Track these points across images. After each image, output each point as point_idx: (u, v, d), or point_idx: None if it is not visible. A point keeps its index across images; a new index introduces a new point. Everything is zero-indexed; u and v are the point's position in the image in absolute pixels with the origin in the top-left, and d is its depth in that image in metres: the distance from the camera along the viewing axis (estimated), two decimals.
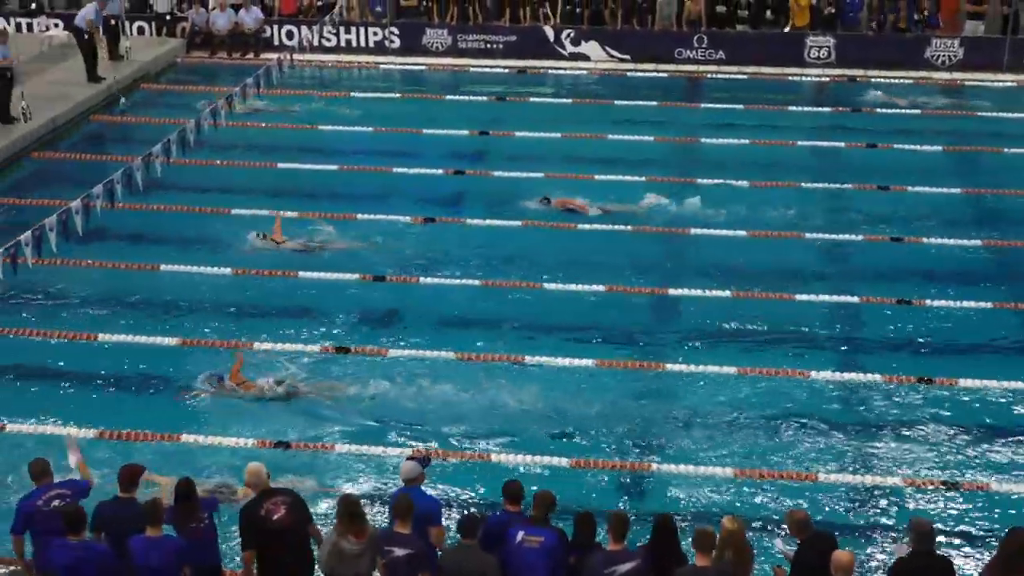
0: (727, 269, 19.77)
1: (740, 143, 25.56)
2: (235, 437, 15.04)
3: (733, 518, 10.71)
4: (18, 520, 11.13)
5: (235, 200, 22.16)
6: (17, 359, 16.93)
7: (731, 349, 17.40)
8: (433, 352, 17.08)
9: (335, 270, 19.48)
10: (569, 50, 31.31)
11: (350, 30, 31.79)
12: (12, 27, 31.17)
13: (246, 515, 10.97)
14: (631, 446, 15.20)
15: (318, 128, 26.29)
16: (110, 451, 14.61)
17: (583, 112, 27.82)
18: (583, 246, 20.57)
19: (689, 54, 31.08)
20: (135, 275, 19.39)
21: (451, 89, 29.68)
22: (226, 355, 16.92)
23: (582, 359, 16.86)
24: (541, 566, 10.47)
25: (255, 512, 10.90)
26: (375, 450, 14.85)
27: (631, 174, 23.61)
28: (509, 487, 11.07)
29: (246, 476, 11.14)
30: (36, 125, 25.10)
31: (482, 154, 25.28)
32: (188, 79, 29.95)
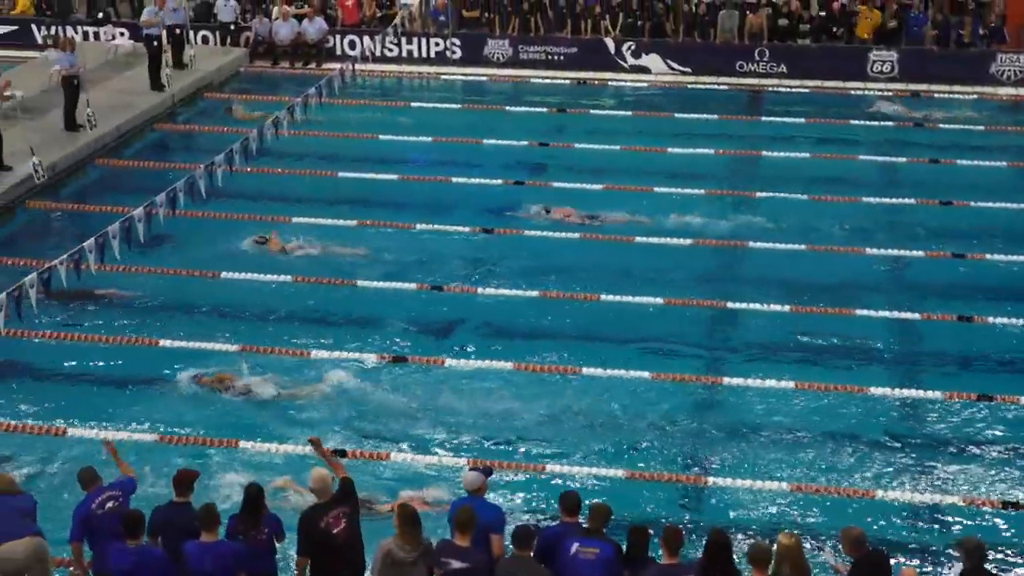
0: (786, 283, 19.67)
1: (801, 157, 25.42)
2: (295, 445, 15.11)
3: (789, 534, 10.62)
4: (76, 527, 11.23)
5: (296, 209, 22.31)
6: (80, 364, 17.11)
7: (789, 363, 17.30)
8: (490, 362, 17.10)
9: (394, 279, 19.55)
10: (630, 62, 31.27)
11: (412, 40, 31.93)
12: (79, 36, 31.62)
13: (306, 522, 11.00)
14: (687, 459, 15.14)
15: (379, 138, 26.41)
16: (170, 455, 14.74)
17: (643, 124, 27.77)
18: (641, 258, 20.51)
19: (751, 67, 30.95)
20: (196, 282, 19.54)
21: (512, 100, 29.73)
22: (287, 362, 17.03)
23: (639, 371, 16.81)
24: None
25: (316, 521, 10.92)
26: (431, 459, 14.88)
27: (691, 187, 23.54)
28: (566, 499, 11.04)
29: (311, 482, 11.16)
30: (101, 132, 25.38)
31: (542, 165, 25.29)
32: (251, 88, 30.20)
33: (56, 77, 26.28)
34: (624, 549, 10.68)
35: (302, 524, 11.05)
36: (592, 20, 31.69)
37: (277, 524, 11.17)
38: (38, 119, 25.72)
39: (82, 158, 24.62)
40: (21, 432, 15.35)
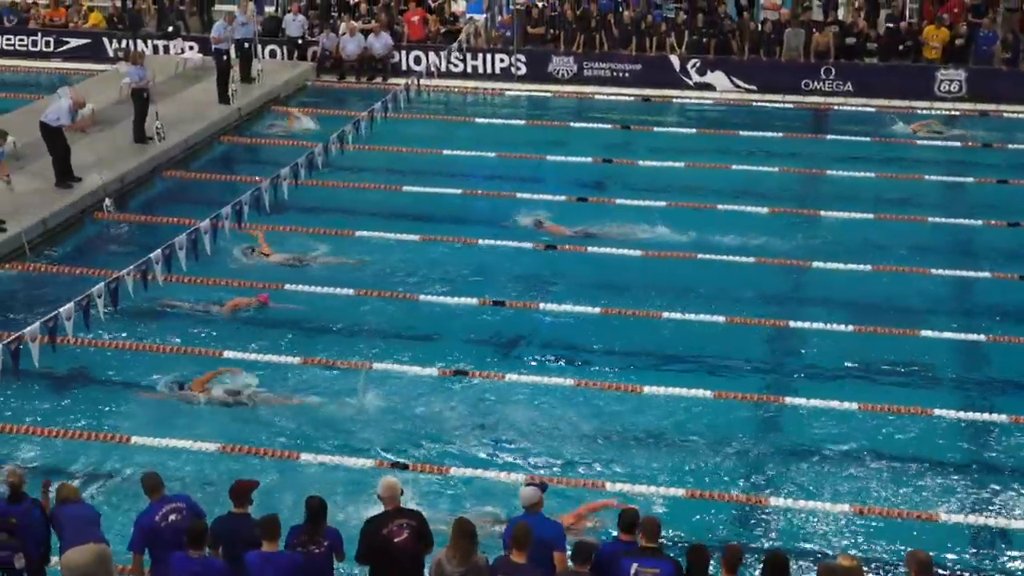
0: (849, 303, 19.54)
1: (866, 176, 25.26)
2: (355, 457, 15.19)
3: (850, 556, 10.55)
4: (137, 537, 11.32)
5: (360, 222, 22.43)
6: (144, 373, 17.27)
7: (852, 384, 17.17)
8: (550, 378, 17.11)
9: (456, 294, 19.61)
10: (695, 79, 31.22)
11: (477, 56, 32.07)
12: (149, 50, 32.03)
13: (369, 530, 11.07)
14: (747, 479, 15.06)
15: (442, 153, 26.52)
16: (230, 464, 14.88)
17: (707, 142, 27.71)
18: (704, 276, 20.44)
19: (816, 85, 30.81)
20: (260, 293, 19.66)
21: (576, 116, 29.75)
22: (349, 374, 17.13)
23: (700, 390, 16.75)
24: None
25: (378, 529, 10.98)
26: (489, 474, 14.90)
27: (754, 205, 23.46)
28: (623, 516, 11.01)
29: (379, 489, 11.22)
30: (169, 145, 25.67)
31: (605, 182, 25.28)
32: (317, 102, 30.43)
33: (126, 90, 26.62)
34: (684, 568, 10.63)
35: (364, 530, 11.12)
36: (657, 37, 31.66)
37: (338, 539, 11.19)
38: (108, 131, 26.06)
39: (150, 170, 24.90)
40: (85, 440, 15.51)
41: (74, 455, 15.21)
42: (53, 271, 20.49)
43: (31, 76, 32.57)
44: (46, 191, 22.70)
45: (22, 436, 15.60)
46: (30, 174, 23.27)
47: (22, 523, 11.42)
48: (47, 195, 22.57)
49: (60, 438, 15.53)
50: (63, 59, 33.24)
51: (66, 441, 15.49)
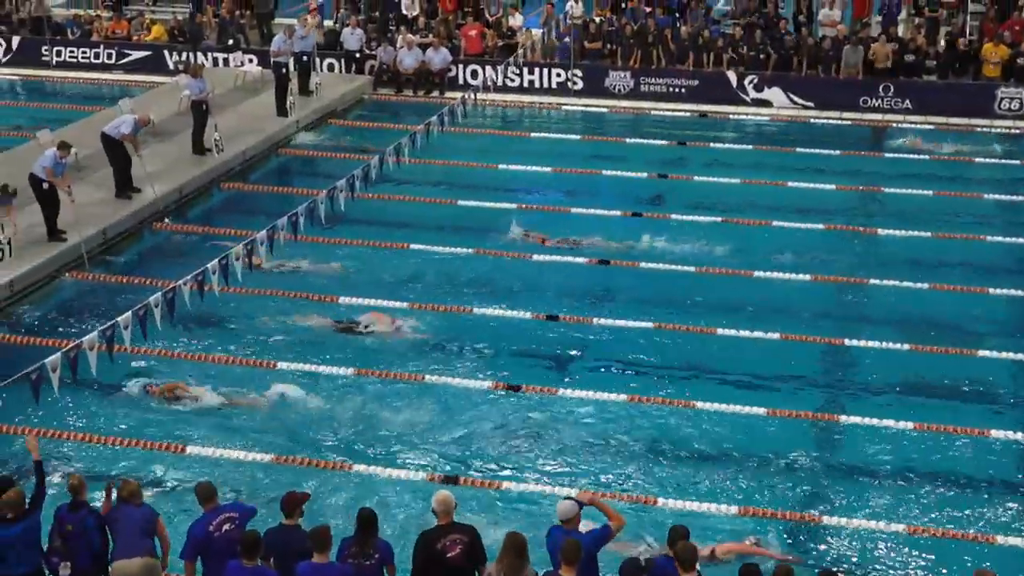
0: (906, 321, 19.39)
1: (924, 194, 25.06)
2: (403, 470, 15.24)
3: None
4: (189, 546, 11.42)
5: (414, 235, 22.52)
6: (198, 383, 17.36)
7: (907, 403, 17.03)
8: (603, 393, 17.09)
9: (509, 307, 19.64)
10: (752, 96, 31.11)
11: (533, 71, 32.12)
12: (209, 62, 32.32)
13: (423, 543, 11.14)
14: (801, 497, 14.96)
15: (498, 167, 26.58)
16: (282, 476, 14.97)
17: (764, 158, 27.60)
18: (759, 293, 20.36)
19: (874, 103, 30.61)
20: (314, 305, 19.78)
21: (632, 131, 29.72)
22: (402, 387, 17.19)
23: (754, 407, 16.67)
24: None
25: (432, 543, 11.03)
26: (544, 488, 14.90)
27: (811, 222, 23.35)
28: (673, 532, 10.96)
29: (434, 504, 11.27)
30: (227, 157, 25.89)
31: (661, 197, 25.25)
32: (374, 116, 30.58)
33: (185, 102, 26.88)
34: None
35: (418, 543, 11.18)
36: (714, 53, 31.58)
37: (388, 552, 11.22)
38: (167, 143, 26.31)
39: (208, 182, 25.12)
40: (142, 448, 15.66)
41: (128, 462, 15.36)
42: (111, 280, 20.70)
43: (93, 88, 32.93)
44: (106, 202, 22.95)
45: (78, 442, 15.78)
46: (91, 185, 23.54)
47: (76, 531, 11.54)
48: (107, 206, 22.81)
49: (115, 446, 15.70)
50: (124, 71, 33.60)
51: (122, 448, 15.65)
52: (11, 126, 28.57)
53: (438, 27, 33.03)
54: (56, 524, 11.68)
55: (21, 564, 11.34)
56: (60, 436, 15.86)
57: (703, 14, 33.40)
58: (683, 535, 10.85)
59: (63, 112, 29.50)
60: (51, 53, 34.04)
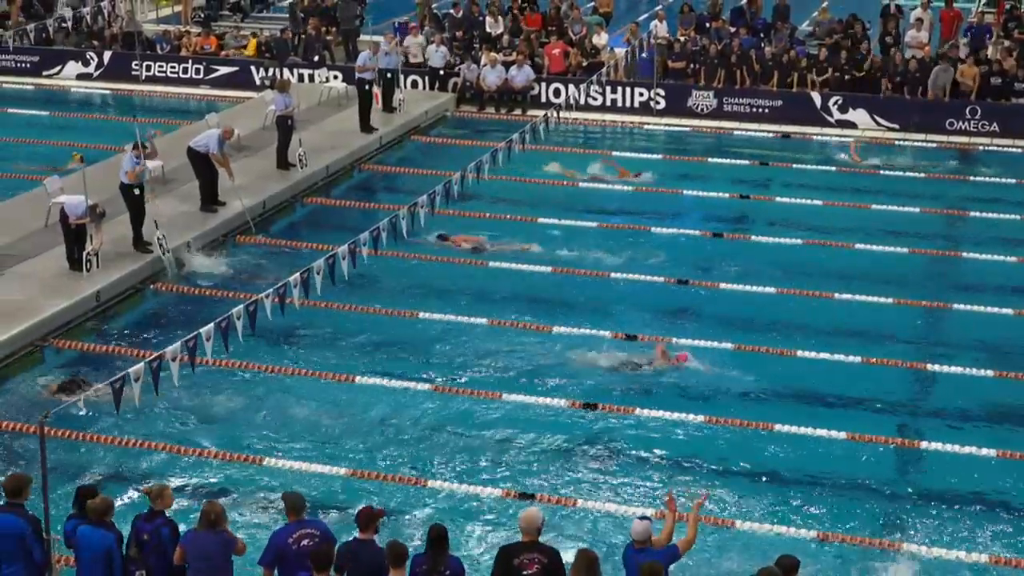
0: (990, 347, 19.12)
1: (1011, 218, 24.71)
2: (478, 485, 15.27)
3: None
4: (269, 552, 11.52)
5: (495, 254, 22.57)
6: (280, 396, 17.56)
7: (991, 431, 16.79)
8: (682, 415, 17.01)
9: (587, 326, 19.61)
10: (836, 117, 30.87)
11: (616, 90, 32.10)
12: (295, 78, 32.65)
13: (502, 556, 11.19)
14: (879, 523, 14.80)
15: (579, 185, 26.56)
16: (357, 491, 15.06)
17: (847, 180, 27.35)
18: (842, 315, 20.18)
19: (961, 125, 30.25)
20: (395, 321, 19.91)
21: (714, 151, 29.59)
22: (475, 404, 17.24)
23: (834, 431, 16.50)
24: None
25: (510, 558, 11.05)
26: (620, 508, 14.87)
27: (894, 244, 23.11)
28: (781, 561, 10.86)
29: (520, 520, 11.28)
30: (311, 171, 26.13)
31: (742, 218, 25.12)
32: (456, 132, 30.73)
33: (271, 117, 27.17)
34: None
35: (497, 556, 11.25)
36: (799, 73, 31.37)
37: (460, 569, 11.22)
38: (252, 158, 26.61)
39: (291, 196, 25.37)
40: (221, 460, 15.83)
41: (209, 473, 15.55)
42: (195, 292, 20.95)
43: (180, 102, 33.39)
44: (191, 215, 23.26)
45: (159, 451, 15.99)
46: (177, 197, 23.87)
47: (151, 540, 11.65)
48: (192, 218, 23.11)
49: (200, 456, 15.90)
50: (211, 86, 34.05)
51: (201, 459, 15.85)
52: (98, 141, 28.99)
53: (521, 45, 33.12)
54: (133, 532, 11.79)
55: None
56: (142, 446, 16.06)
57: (788, 34, 33.20)
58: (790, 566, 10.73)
59: (152, 125, 29.81)
60: (141, 67, 34.57)
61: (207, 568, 11.45)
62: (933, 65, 30.72)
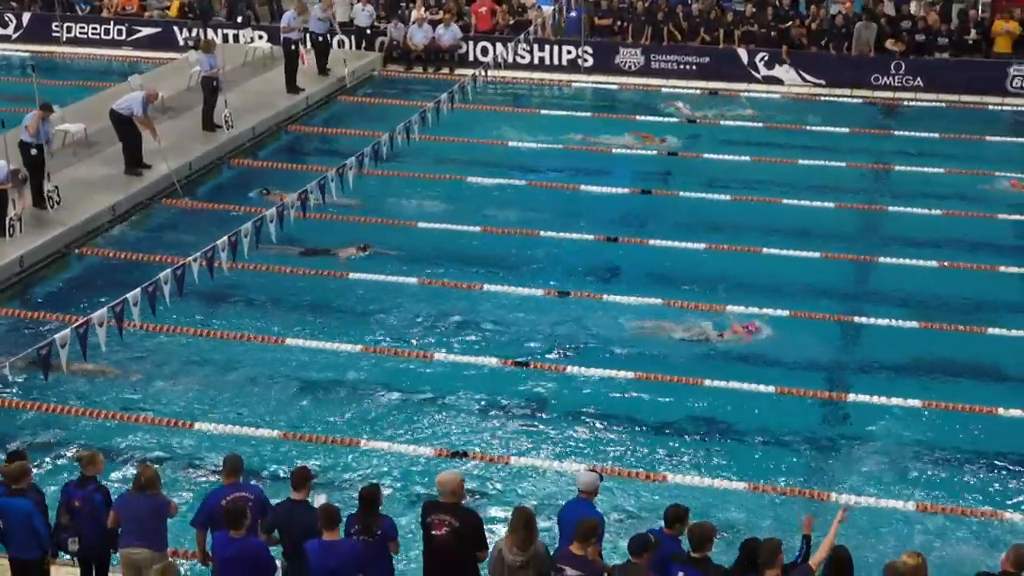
0: (916, 299, 19.37)
1: (935, 172, 24.98)
2: (411, 444, 15.28)
3: (915, 553, 10.45)
4: (201, 514, 11.45)
5: (424, 213, 22.51)
6: (207, 360, 17.45)
7: (917, 381, 17.02)
8: (611, 371, 17.10)
9: (519, 286, 19.63)
10: (762, 73, 31.00)
11: (544, 48, 32.03)
12: (219, 39, 32.26)
13: (422, 511, 11.16)
14: (808, 474, 14.98)
15: (508, 144, 26.53)
16: (290, 452, 15.02)
17: (774, 136, 27.50)
18: (768, 269, 20.35)
19: (886, 80, 30.49)
20: (324, 281, 19.82)
21: (642, 109, 29.62)
22: (407, 364, 17.23)
23: (762, 385, 16.66)
24: None
25: (424, 517, 11.04)
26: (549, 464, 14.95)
27: (821, 200, 23.29)
28: (669, 510, 10.92)
29: (437, 483, 11.25)
30: (237, 132, 25.87)
31: (670, 174, 25.19)
32: (384, 92, 30.54)
33: (196, 78, 26.86)
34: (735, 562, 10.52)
35: (420, 509, 11.23)
36: (725, 30, 31.46)
37: (392, 528, 11.20)
38: (177, 119, 26.30)
39: (218, 157, 25.12)
40: (152, 424, 15.70)
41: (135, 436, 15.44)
42: (122, 257, 20.72)
43: (103, 64, 32.90)
44: (116, 178, 22.95)
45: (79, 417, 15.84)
46: (99, 161, 23.56)
47: (84, 507, 11.55)
48: (116, 182, 22.81)
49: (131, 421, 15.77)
50: (134, 48, 33.57)
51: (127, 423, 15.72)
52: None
53: (449, 3, 32.93)
54: (64, 500, 11.69)
55: None
56: (65, 412, 15.91)
57: None
58: (676, 515, 10.78)
59: (73, 89, 29.39)
60: (61, 29, 34.00)
61: (140, 531, 11.36)
62: (858, 21, 30.90)
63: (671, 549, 10.57)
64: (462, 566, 10.98)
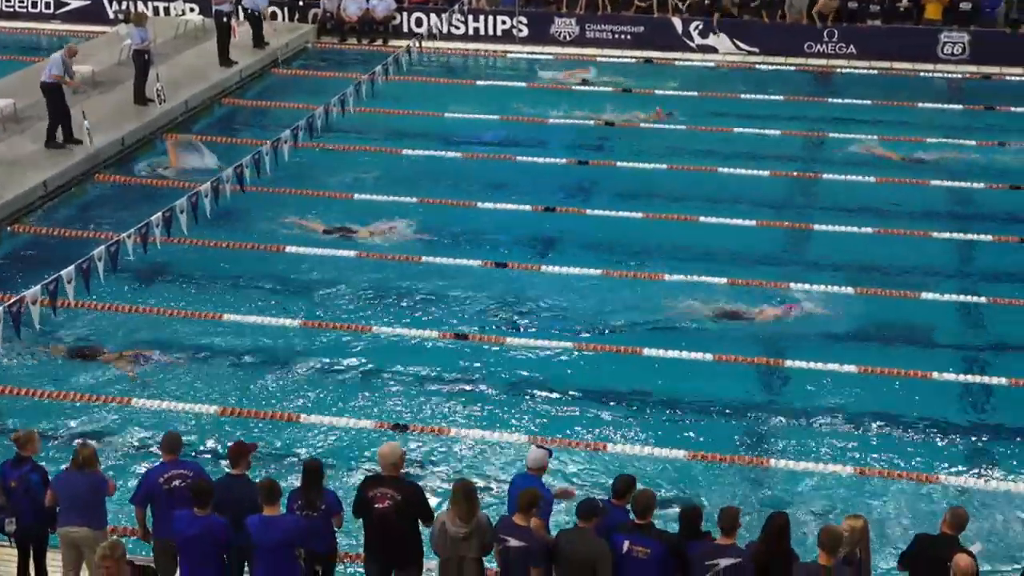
0: (851, 265, 19.55)
1: (869, 139, 25.17)
2: (351, 417, 15.25)
3: (855, 516, 10.59)
4: (139, 492, 11.35)
5: (360, 185, 22.41)
6: (144, 335, 17.28)
7: (853, 347, 17.17)
8: (549, 342, 17.14)
9: (456, 257, 19.60)
10: (697, 42, 31.09)
11: (478, 18, 31.94)
12: (150, 11, 31.87)
13: (360, 487, 11.13)
14: (748, 441, 15.10)
15: (444, 116, 26.44)
16: (229, 428, 14.95)
17: (709, 104, 27.59)
18: (706, 238, 20.44)
19: (819, 48, 30.69)
20: (260, 256, 19.69)
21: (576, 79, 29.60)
22: (346, 337, 17.18)
23: (700, 353, 16.76)
24: None
25: (366, 491, 10.99)
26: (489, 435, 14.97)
27: (756, 168, 23.42)
28: (617, 482, 10.97)
29: (378, 455, 11.20)
30: (169, 107, 25.58)
31: (607, 145, 25.21)
32: (318, 65, 30.32)
33: (127, 52, 26.52)
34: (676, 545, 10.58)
35: (359, 486, 11.19)
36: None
37: (336, 503, 11.17)
38: (108, 93, 25.98)
39: (151, 132, 24.83)
40: (89, 402, 15.56)
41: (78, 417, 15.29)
42: (55, 233, 20.46)
43: (31, 38, 32.40)
44: (46, 153, 22.63)
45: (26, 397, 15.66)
46: (31, 136, 23.22)
47: (19, 487, 11.42)
48: (47, 157, 22.49)
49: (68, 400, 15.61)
50: (63, 21, 33.08)
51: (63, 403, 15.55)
52: None
53: None
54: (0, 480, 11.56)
55: None
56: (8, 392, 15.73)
57: None
58: (624, 486, 10.82)
59: (0, 63, 28.95)
60: None
61: (79, 509, 11.26)
62: None
63: (619, 519, 10.60)
64: (405, 538, 10.98)
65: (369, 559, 11.19)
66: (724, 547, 10.22)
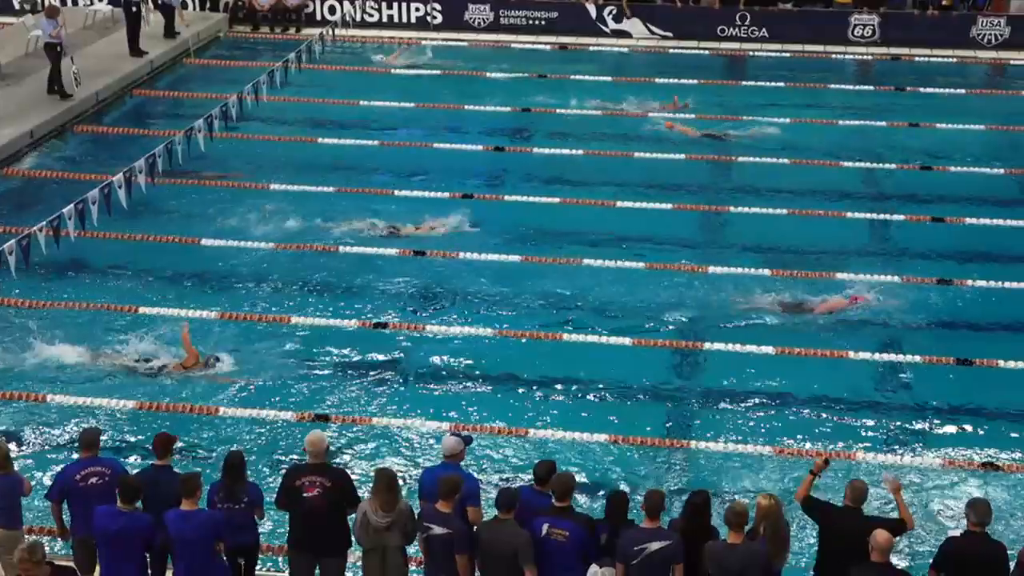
0: (765, 247, 19.72)
1: (781, 122, 25.41)
2: (272, 409, 15.15)
3: (769, 495, 10.70)
4: (55, 488, 11.20)
5: (276, 175, 22.24)
6: (57, 331, 17.02)
7: (769, 328, 17.35)
8: (470, 328, 17.17)
9: (371, 246, 19.52)
10: (611, 27, 31.20)
11: (392, 5, 31.79)
12: (58, 2, 31.34)
13: (286, 477, 11.10)
14: (668, 423, 15.20)
15: (359, 104, 26.29)
16: (147, 423, 14.79)
17: (625, 90, 27.68)
18: (621, 222, 20.53)
19: (732, 32, 30.92)
20: (176, 248, 19.48)
21: (492, 65, 29.59)
22: (264, 328, 17.07)
23: (618, 337, 16.84)
24: (567, 560, 10.38)
25: (293, 479, 10.95)
26: (410, 423, 14.94)
27: (671, 152, 23.55)
28: (538, 468, 11.00)
29: (306, 443, 11.13)
30: (80, 99, 25.21)
31: (523, 131, 25.23)
32: (230, 54, 30.04)
33: (35, 43, 26.09)
34: (594, 526, 10.64)
35: (284, 475, 11.16)
36: None
37: (258, 495, 11.12)
38: (16, 86, 25.55)
39: (62, 124, 24.45)
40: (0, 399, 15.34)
41: None
42: None
43: None
44: None
45: None
46: None
47: None
48: None
49: None
50: None
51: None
52: None
53: None
54: None
55: None
56: None
57: None
58: (545, 471, 10.85)
59: None
60: None
61: None
62: None
63: (541, 505, 10.63)
64: (333, 527, 10.95)
65: (295, 550, 11.13)
66: (651, 531, 10.28)
